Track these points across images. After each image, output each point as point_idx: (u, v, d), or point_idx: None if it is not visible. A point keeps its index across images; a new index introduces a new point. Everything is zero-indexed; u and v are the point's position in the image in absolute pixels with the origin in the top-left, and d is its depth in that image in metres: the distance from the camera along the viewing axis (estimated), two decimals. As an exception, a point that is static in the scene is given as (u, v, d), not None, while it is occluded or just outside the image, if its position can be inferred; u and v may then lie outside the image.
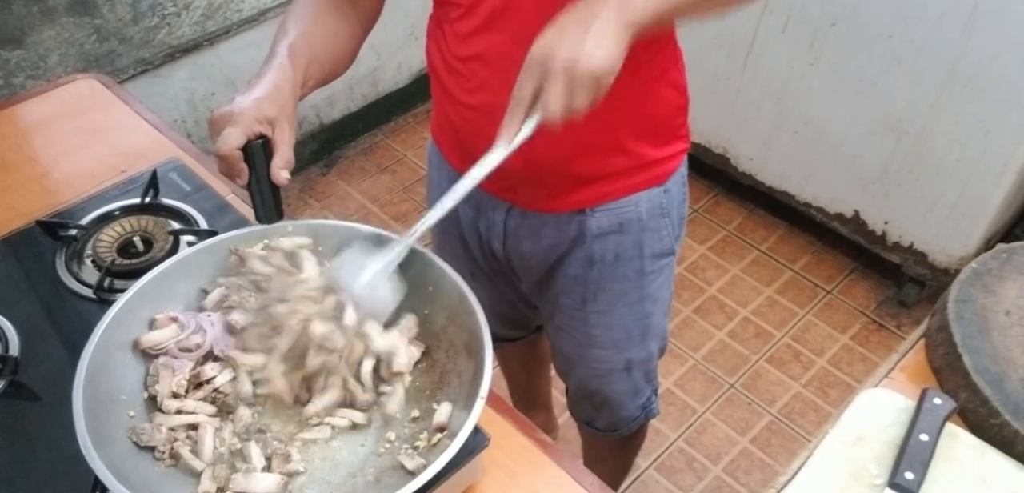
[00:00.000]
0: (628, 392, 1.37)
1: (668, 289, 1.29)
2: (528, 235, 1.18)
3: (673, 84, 1.10)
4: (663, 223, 1.18)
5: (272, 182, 0.90)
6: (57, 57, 2.07)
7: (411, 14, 2.85)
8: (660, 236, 1.19)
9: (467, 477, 0.86)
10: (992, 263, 1.03)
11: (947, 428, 0.87)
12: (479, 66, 1.03)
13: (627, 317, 1.25)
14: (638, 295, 1.23)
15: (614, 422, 1.44)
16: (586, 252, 1.17)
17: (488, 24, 1.00)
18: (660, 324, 1.31)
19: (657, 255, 1.20)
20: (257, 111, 0.88)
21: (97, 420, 0.76)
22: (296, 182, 2.83)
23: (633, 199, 1.13)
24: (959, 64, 1.95)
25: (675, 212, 1.20)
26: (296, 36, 0.98)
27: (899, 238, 2.29)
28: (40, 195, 1.25)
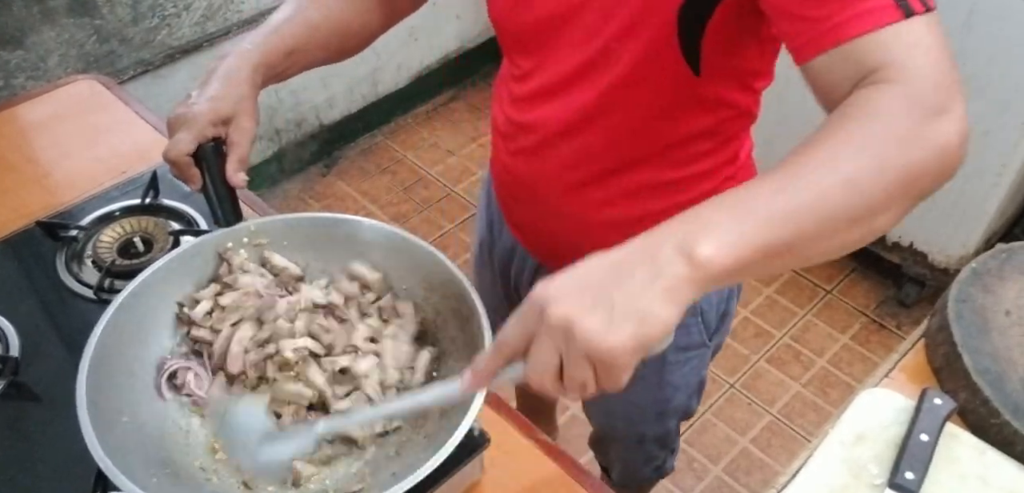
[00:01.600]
0: (640, 459, 1.36)
1: (696, 376, 1.21)
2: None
3: (733, 178, 1.02)
4: (693, 321, 1.10)
5: (227, 184, 0.89)
6: (57, 58, 2.07)
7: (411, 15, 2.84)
8: (687, 332, 1.11)
9: (467, 476, 0.86)
10: (992, 263, 1.03)
11: (947, 428, 0.87)
12: (521, 133, 1.01)
13: (644, 398, 1.21)
14: (657, 381, 1.18)
15: (626, 479, 1.45)
16: None
17: (539, 95, 0.96)
18: (682, 405, 1.25)
19: (681, 348, 1.14)
20: (212, 113, 0.86)
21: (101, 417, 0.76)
22: (296, 183, 2.83)
23: None
24: (957, 64, 1.95)
25: (712, 311, 1.11)
26: (284, 20, 0.95)
27: (899, 238, 2.29)
28: (40, 196, 1.25)
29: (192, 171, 0.87)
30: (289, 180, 2.83)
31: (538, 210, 1.05)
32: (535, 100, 0.97)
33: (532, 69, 0.96)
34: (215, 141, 0.87)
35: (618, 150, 0.94)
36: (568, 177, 0.98)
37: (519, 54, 0.98)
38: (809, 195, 0.59)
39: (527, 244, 1.15)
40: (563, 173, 0.99)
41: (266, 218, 0.96)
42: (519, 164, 1.04)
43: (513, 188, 1.08)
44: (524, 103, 0.99)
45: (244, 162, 0.88)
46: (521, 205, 1.09)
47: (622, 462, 1.40)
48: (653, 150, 0.94)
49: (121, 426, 0.80)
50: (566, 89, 0.92)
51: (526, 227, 1.11)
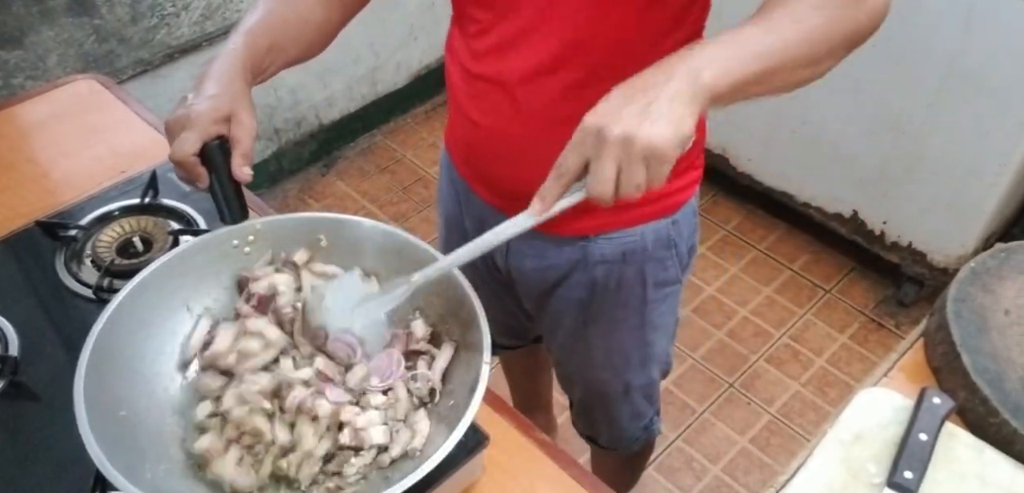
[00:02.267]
0: (628, 414, 1.36)
1: (672, 316, 1.26)
2: (530, 254, 1.17)
3: None
4: (668, 254, 1.15)
5: (234, 181, 0.89)
6: (56, 57, 2.07)
7: (410, 14, 2.85)
8: (664, 266, 1.16)
9: (466, 476, 0.86)
10: (991, 262, 1.03)
11: (946, 427, 0.87)
12: (490, 87, 1.01)
13: (627, 342, 1.23)
14: (639, 321, 1.21)
15: (614, 440, 1.44)
16: (588, 277, 1.15)
17: (502, 45, 0.98)
18: (663, 350, 1.29)
19: (660, 284, 1.18)
20: (213, 112, 0.86)
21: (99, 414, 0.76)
22: (295, 182, 2.83)
23: (638, 230, 1.11)
24: (956, 64, 1.95)
25: (683, 243, 1.16)
26: (258, 19, 0.96)
27: (898, 237, 2.29)
28: (39, 195, 1.25)
29: (199, 170, 0.87)
30: (288, 179, 2.83)
31: (518, 159, 1.03)
32: (498, 48, 0.98)
33: (492, 21, 0.97)
34: (219, 139, 0.87)
35: (597, 71, 0.94)
36: (550, 112, 0.98)
37: (476, 7, 0.99)
38: (780, 43, 0.77)
39: (503, 203, 1.14)
40: (545, 109, 0.98)
41: (271, 218, 0.96)
42: (492, 119, 1.04)
43: (489, 147, 1.07)
44: (487, 55, 1.00)
45: (248, 157, 0.89)
46: (499, 162, 1.08)
47: (610, 423, 1.39)
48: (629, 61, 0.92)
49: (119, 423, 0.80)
50: (529, 27, 0.94)
51: (503, 184, 1.10)
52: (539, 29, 0.94)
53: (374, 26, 2.77)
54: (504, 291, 1.28)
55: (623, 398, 1.33)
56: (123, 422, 0.81)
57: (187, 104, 0.88)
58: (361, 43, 2.79)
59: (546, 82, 0.97)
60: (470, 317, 0.85)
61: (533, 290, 1.23)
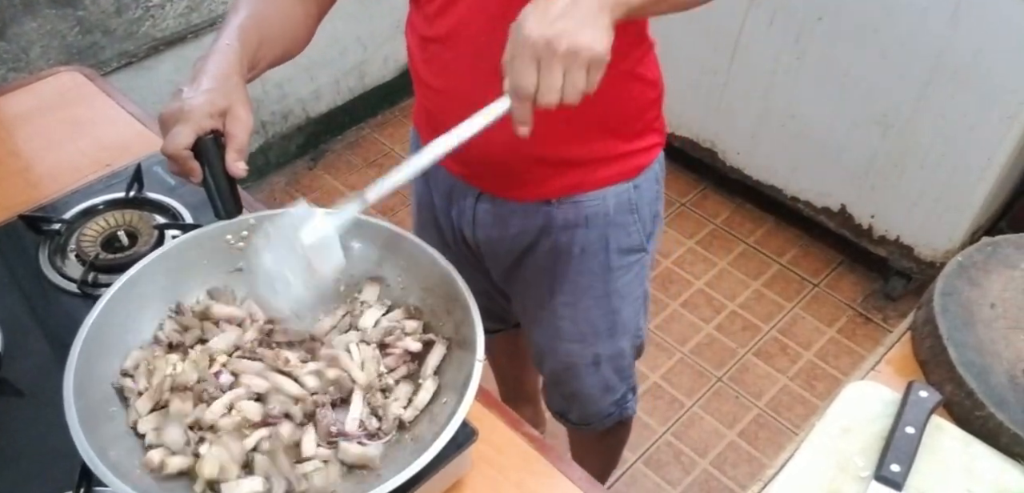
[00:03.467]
0: (598, 386, 1.36)
1: (640, 286, 1.28)
2: (496, 223, 1.19)
3: (642, 77, 1.10)
4: (631, 219, 1.18)
5: (228, 176, 0.88)
6: (39, 49, 2.04)
7: (397, 8, 2.83)
8: (627, 232, 1.18)
9: (455, 470, 0.85)
10: (977, 256, 1.04)
11: (933, 420, 0.88)
12: (441, 48, 1.04)
13: (593, 311, 1.25)
14: (604, 290, 1.22)
15: (586, 416, 1.43)
16: (552, 243, 1.17)
17: (449, 4, 1.00)
18: (632, 321, 1.30)
19: (624, 251, 1.20)
20: (208, 105, 0.86)
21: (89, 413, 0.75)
22: (282, 176, 2.81)
23: (600, 193, 1.13)
24: (944, 58, 1.96)
25: (646, 209, 1.19)
26: (246, 16, 0.96)
27: (885, 232, 2.30)
28: (23, 189, 1.23)
29: (192, 165, 0.86)
30: (275, 173, 2.82)
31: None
32: (447, 7, 1.00)
33: None
34: (213, 133, 0.87)
35: None
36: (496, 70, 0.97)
37: None
38: None
39: (466, 172, 1.16)
40: (490, 68, 0.96)
41: (264, 212, 0.95)
42: (446, 80, 1.06)
43: (445, 109, 1.06)
44: (438, 16, 1.02)
45: (243, 152, 0.88)
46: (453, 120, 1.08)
47: (580, 398, 1.39)
48: None
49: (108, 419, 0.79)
50: None
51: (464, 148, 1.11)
52: None
53: (361, 20, 2.76)
54: (477, 270, 1.29)
55: (593, 370, 1.33)
56: (113, 418, 0.80)
57: (182, 97, 0.87)
58: (348, 37, 2.77)
59: (496, 33, 0.95)
60: (463, 314, 0.85)
61: (501, 262, 1.24)
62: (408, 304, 0.93)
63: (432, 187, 1.25)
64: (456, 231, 1.25)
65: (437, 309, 0.91)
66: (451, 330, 0.89)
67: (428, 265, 0.91)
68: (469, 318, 0.84)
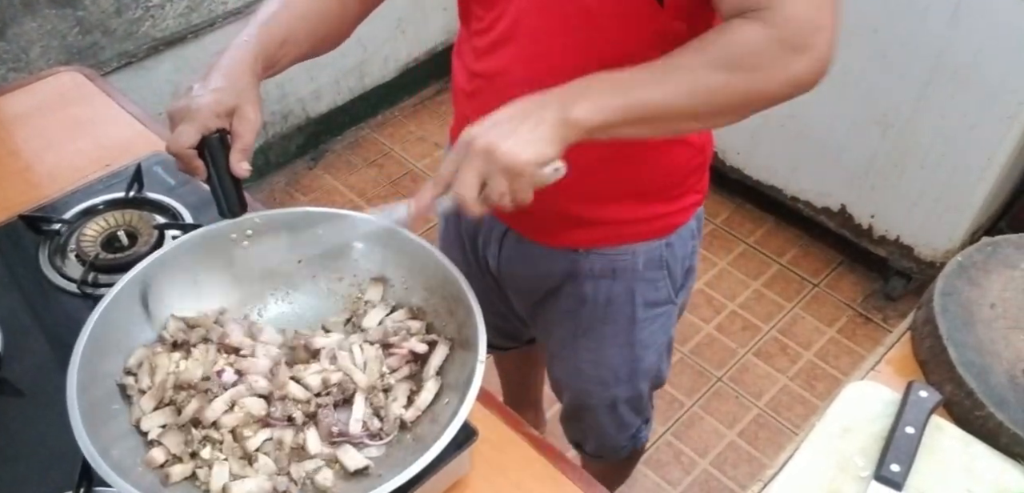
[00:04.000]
0: (613, 425, 1.36)
1: (665, 335, 1.25)
2: (521, 261, 1.17)
3: (688, 142, 1.05)
4: (660, 275, 1.14)
5: (232, 175, 0.88)
6: (39, 49, 2.04)
7: (398, 7, 2.83)
8: (656, 287, 1.15)
9: (456, 470, 0.85)
10: (977, 256, 1.04)
11: (932, 420, 0.88)
12: (487, 85, 1.01)
13: (615, 359, 1.23)
14: (627, 340, 1.20)
15: (601, 449, 1.44)
16: (577, 290, 1.14)
17: (498, 44, 0.97)
18: (653, 367, 1.28)
19: (651, 304, 1.17)
20: (216, 104, 0.86)
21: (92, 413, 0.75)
22: (282, 176, 2.81)
23: (630, 248, 1.10)
24: (944, 58, 1.96)
25: (677, 265, 1.15)
26: (275, 12, 0.96)
27: (885, 232, 2.30)
28: (23, 189, 1.23)
29: (196, 163, 0.87)
30: (275, 173, 2.82)
31: None
32: (498, 45, 0.97)
33: (495, 19, 0.97)
34: (220, 132, 0.87)
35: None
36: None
37: (479, 6, 0.99)
38: (665, 95, 0.78)
39: (496, 210, 1.15)
40: None
41: (268, 212, 0.95)
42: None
43: None
44: (487, 53, 0.99)
45: (248, 152, 0.89)
46: None
47: (596, 432, 1.39)
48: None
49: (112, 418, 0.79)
50: (527, 27, 0.93)
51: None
52: (531, 28, 0.93)
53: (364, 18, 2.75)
54: (497, 294, 1.28)
55: (609, 411, 1.32)
56: (115, 417, 0.80)
57: (191, 95, 0.87)
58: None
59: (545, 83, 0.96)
60: (466, 315, 0.85)
61: (524, 297, 1.23)
62: (411, 304, 0.93)
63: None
64: (481, 257, 1.23)
65: (440, 309, 0.91)
66: (454, 330, 0.89)
67: (432, 266, 0.91)
68: (472, 319, 0.84)
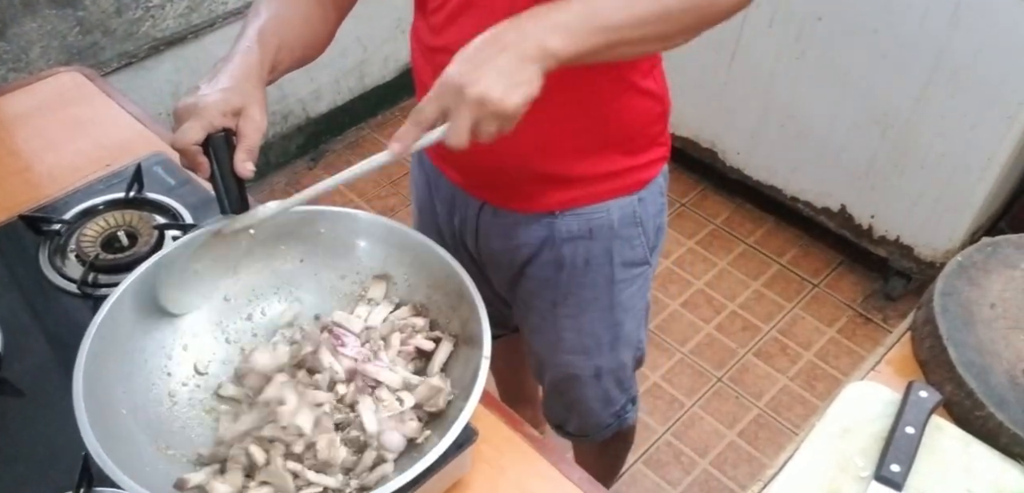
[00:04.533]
0: (598, 398, 1.36)
1: (642, 299, 1.27)
2: (499, 233, 1.18)
3: (648, 92, 1.08)
4: (635, 232, 1.17)
5: (236, 175, 0.88)
6: (39, 50, 2.04)
7: (397, 7, 2.84)
8: (632, 245, 1.17)
9: (456, 470, 0.85)
10: (977, 256, 1.04)
11: (932, 420, 0.88)
12: (445, 57, 1.02)
13: (597, 324, 1.24)
14: (608, 302, 1.21)
15: (585, 427, 1.43)
16: (555, 255, 1.16)
17: (455, 14, 0.99)
18: (633, 334, 1.29)
19: (628, 264, 1.19)
20: (223, 104, 0.86)
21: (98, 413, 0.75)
22: (282, 176, 2.81)
23: (604, 206, 1.12)
24: (944, 58, 1.96)
25: (650, 222, 1.18)
26: (266, 19, 0.96)
27: (885, 232, 2.30)
28: (23, 189, 1.23)
29: (200, 159, 0.87)
30: (275, 173, 2.82)
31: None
32: (454, 17, 0.99)
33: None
34: (225, 131, 0.87)
35: None
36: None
37: None
38: (632, 18, 0.82)
39: (469, 184, 1.16)
40: None
41: (269, 208, 0.95)
42: None
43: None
44: (443, 27, 1.01)
45: (253, 153, 0.88)
46: None
47: (580, 408, 1.38)
48: None
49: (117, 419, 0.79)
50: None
51: (469, 161, 1.10)
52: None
53: (361, 20, 2.75)
54: (479, 277, 1.27)
55: (593, 382, 1.32)
56: (122, 418, 0.80)
57: (198, 93, 0.87)
58: (348, 37, 2.77)
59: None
60: (469, 311, 0.85)
61: (504, 272, 1.24)
62: (415, 302, 0.93)
63: (433, 194, 1.24)
64: (458, 239, 1.24)
65: (443, 306, 0.91)
66: (457, 327, 0.89)
67: (435, 262, 0.92)
68: (476, 315, 0.84)
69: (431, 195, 1.25)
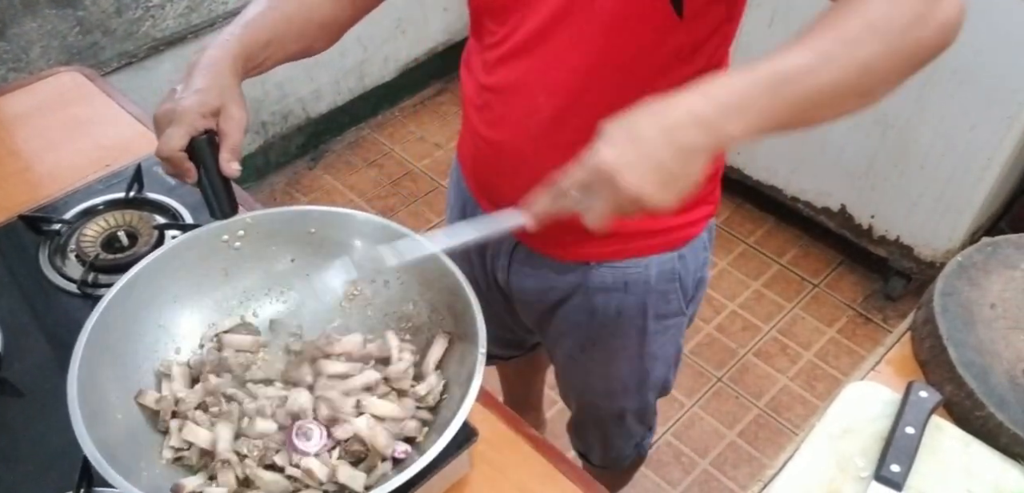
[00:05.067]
0: (620, 435, 1.36)
1: (674, 346, 1.24)
2: (531, 273, 1.15)
3: None
4: (672, 287, 1.12)
5: (223, 176, 0.88)
6: (39, 50, 2.05)
7: (398, 8, 2.83)
8: (667, 299, 1.13)
9: (456, 470, 0.85)
10: (977, 256, 1.04)
11: (932, 420, 0.88)
12: (498, 99, 0.99)
13: (624, 370, 1.22)
14: (637, 352, 1.18)
15: (606, 460, 1.44)
16: (587, 302, 1.12)
17: (510, 57, 0.95)
18: (661, 376, 1.27)
19: (662, 317, 1.15)
20: (201, 106, 0.85)
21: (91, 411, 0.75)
22: (282, 176, 2.81)
23: (643, 261, 1.08)
24: (944, 58, 1.92)
25: (689, 278, 1.13)
26: (258, 12, 0.95)
27: (885, 232, 2.30)
28: (23, 189, 1.23)
29: (187, 166, 0.86)
30: (275, 173, 2.82)
31: (519, 177, 1.01)
32: (510, 59, 0.95)
33: (507, 33, 0.95)
34: (207, 133, 0.86)
35: (599, 101, 0.90)
36: (549, 135, 0.96)
37: (492, 21, 0.97)
38: (829, 79, 0.67)
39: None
40: (544, 131, 0.96)
41: (260, 212, 0.95)
42: (497, 132, 1.01)
43: (492, 160, 1.05)
44: (499, 65, 0.97)
45: (236, 152, 0.88)
46: (500, 177, 1.06)
47: (602, 442, 1.39)
48: (641, 84, 0.89)
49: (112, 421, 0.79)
50: (542, 40, 0.91)
51: (505, 201, 1.10)
52: (544, 40, 0.91)
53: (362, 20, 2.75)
54: (504, 308, 1.26)
55: (617, 422, 1.33)
56: (116, 421, 0.80)
57: (175, 98, 0.87)
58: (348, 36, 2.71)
59: (548, 97, 0.94)
60: (464, 307, 0.85)
61: (533, 310, 1.21)
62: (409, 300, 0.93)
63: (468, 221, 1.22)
64: (489, 273, 1.22)
65: (438, 304, 0.91)
66: (452, 324, 0.88)
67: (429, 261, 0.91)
68: (470, 311, 0.84)
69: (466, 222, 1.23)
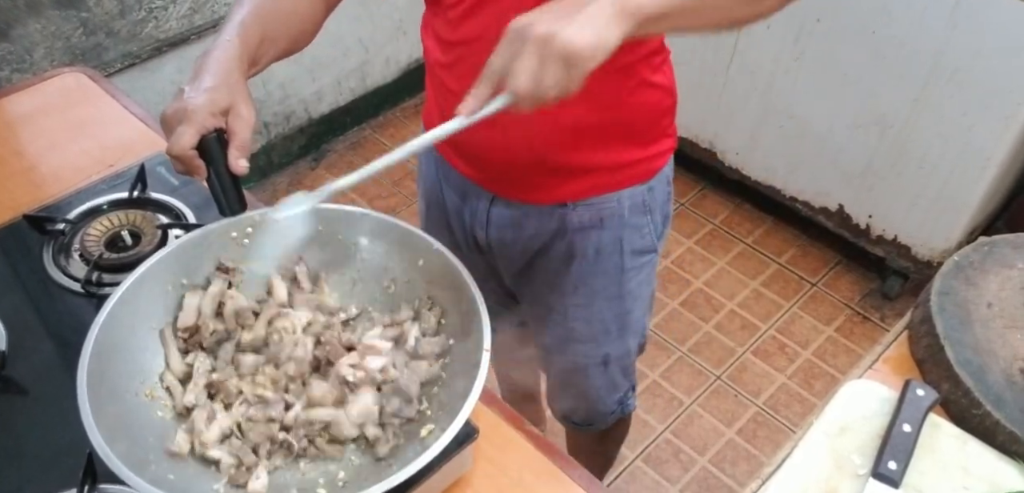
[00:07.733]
0: (605, 386, 1.38)
1: (649, 286, 1.29)
2: (510, 225, 1.19)
3: (659, 85, 1.10)
4: (645, 221, 1.19)
5: (232, 173, 0.89)
6: (43, 51, 2.05)
7: (399, 8, 2.84)
8: (641, 233, 1.19)
9: (457, 468, 0.86)
10: (974, 256, 1.04)
11: (930, 419, 0.89)
12: (466, 51, 1.03)
13: (606, 312, 1.26)
14: (618, 291, 1.23)
15: (591, 417, 1.45)
16: (567, 245, 1.18)
17: (474, 9, 0.99)
18: (640, 321, 1.32)
19: (638, 252, 1.21)
20: (210, 104, 0.86)
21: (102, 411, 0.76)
22: (284, 176, 2.82)
23: (615, 195, 1.14)
24: (942, 59, 1.97)
25: (658, 210, 1.20)
26: (249, 12, 0.96)
27: (883, 231, 2.31)
28: (27, 189, 1.24)
29: (197, 163, 0.87)
30: (278, 173, 2.82)
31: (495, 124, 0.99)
32: (473, 12, 0.98)
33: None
34: (216, 132, 0.87)
35: None
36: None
37: None
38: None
39: (481, 177, 1.17)
40: None
41: (267, 209, 0.96)
42: (470, 83, 1.03)
43: None
44: (463, 20, 1.00)
45: (245, 150, 0.89)
46: (474, 131, 1.08)
47: (586, 397, 1.40)
48: None
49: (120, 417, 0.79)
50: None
51: (481, 155, 1.11)
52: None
53: (363, 21, 2.76)
54: (487, 271, 1.29)
55: (601, 370, 1.34)
56: (125, 416, 0.80)
57: (184, 97, 0.87)
58: (350, 38, 2.78)
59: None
60: (469, 307, 0.86)
61: (514, 263, 1.25)
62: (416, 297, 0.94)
63: (443, 185, 1.25)
64: (467, 232, 1.25)
65: (443, 301, 0.91)
66: (457, 321, 0.89)
67: (434, 259, 0.92)
68: (475, 309, 0.85)
69: (441, 188, 1.26)
